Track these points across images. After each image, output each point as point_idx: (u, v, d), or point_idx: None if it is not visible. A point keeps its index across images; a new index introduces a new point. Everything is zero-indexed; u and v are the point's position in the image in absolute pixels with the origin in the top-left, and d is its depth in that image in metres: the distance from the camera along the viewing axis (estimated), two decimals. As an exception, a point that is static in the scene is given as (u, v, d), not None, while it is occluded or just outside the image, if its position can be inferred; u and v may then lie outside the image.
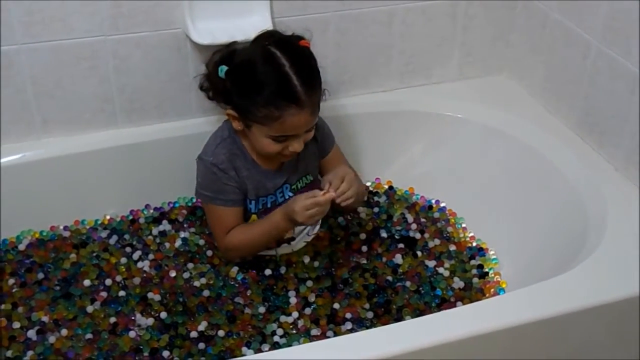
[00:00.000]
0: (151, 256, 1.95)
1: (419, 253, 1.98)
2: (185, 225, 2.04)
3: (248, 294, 1.85)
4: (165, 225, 2.04)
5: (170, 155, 2.02)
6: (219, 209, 1.76)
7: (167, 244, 1.99)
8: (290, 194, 1.85)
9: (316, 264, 1.91)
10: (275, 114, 1.63)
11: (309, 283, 1.88)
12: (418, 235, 2.03)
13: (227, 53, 1.72)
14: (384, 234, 2.03)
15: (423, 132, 2.14)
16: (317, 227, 1.97)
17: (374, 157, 2.18)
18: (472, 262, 1.97)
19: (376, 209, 2.12)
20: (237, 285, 1.88)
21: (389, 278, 1.90)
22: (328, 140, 1.92)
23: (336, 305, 1.83)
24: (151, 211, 2.07)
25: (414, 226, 2.06)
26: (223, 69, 1.68)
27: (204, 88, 1.79)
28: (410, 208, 2.12)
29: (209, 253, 1.96)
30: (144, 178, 2.03)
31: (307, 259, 1.93)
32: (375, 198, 2.15)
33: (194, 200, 2.07)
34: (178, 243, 1.99)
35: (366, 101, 2.13)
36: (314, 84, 1.66)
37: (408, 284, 1.89)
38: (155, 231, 2.02)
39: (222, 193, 1.76)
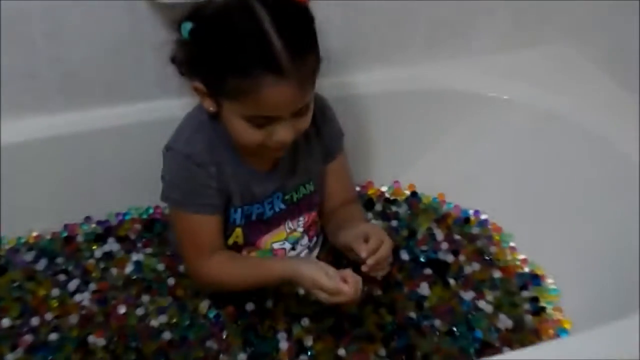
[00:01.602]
0: (93, 286, 1.92)
1: (452, 281, 1.97)
2: (139, 245, 2.02)
3: (224, 337, 1.84)
4: (111, 245, 2.01)
5: (121, 150, 2.01)
6: (192, 217, 1.72)
7: (115, 270, 1.96)
8: (282, 207, 1.82)
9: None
10: (247, 85, 1.57)
11: (305, 322, 1.87)
12: (450, 258, 2.01)
13: (196, 7, 1.67)
14: (405, 256, 2.00)
15: (457, 119, 2.13)
16: (317, 248, 1.94)
17: (392, 152, 2.17)
18: (524, 293, 1.96)
19: (394, 223, 2.09)
20: (208, 324, 1.86)
21: (412, 315, 1.90)
22: (337, 142, 1.88)
23: (341, 352, 1.81)
24: (93, 225, 2.06)
25: (444, 245, 2.04)
26: (187, 27, 1.63)
27: (176, 61, 1.73)
28: (439, 221, 2.10)
29: (171, 282, 1.92)
30: (83, 181, 2.02)
31: (302, 290, 1.88)
32: (394, 208, 2.13)
33: (151, 210, 2.07)
34: (129, 268, 1.96)
35: (382, 78, 2.11)
36: (303, 48, 1.60)
37: (438, 322, 1.89)
38: (98, 253, 1.99)
39: (198, 196, 1.71)
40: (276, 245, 1.86)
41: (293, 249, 1.87)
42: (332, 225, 1.86)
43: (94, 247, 2.02)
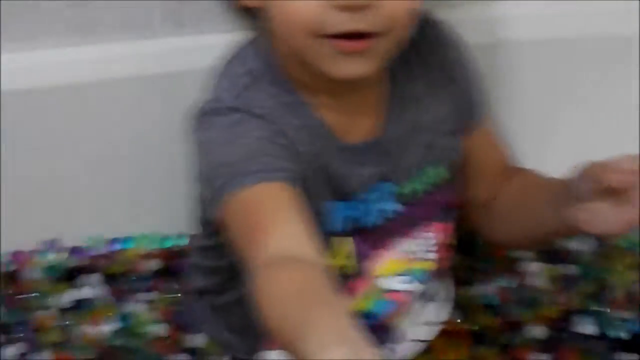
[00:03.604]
0: (46, 357, 1.50)
1: None
2: (138, 286, 1.60)
3: None
4: (93, 287, 1.58)
5: (137, 123, 1.61)
6: (252, 193, 1.30)
7: (85, 330, 1.51)
8: (397, 208, 1.43)
9: None
10: None
11: None
12: None
13: None
14: (587, 328, 1.56)
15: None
16: (447, 307, 1.56)
17: (563, 140, 1.77)
18: None
19: (571, 270, 1.66)
20: None
21: None
22: (480, 97, 1.51)
23: None
24: (61, 254, 1.64)
25: None
26: None
27: None
28: None
29: None
30: (55, 179, 1.60)
31: None
32: (570, 244, 1.70)
33: (184, 241, 1.66)
34: (110, 327, 1.53)
35: (560, 12, 1.69)
36: None
37: None
38: (65, 299, 1.56)
39: (258, 156, 1.32)
40: (394, 284, 1.44)
41: (424, 296, 1.50)
42: (501, 213, 1.51)
43: (61, 290, 1.58)
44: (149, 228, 1.69)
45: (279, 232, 1.21)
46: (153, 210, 1.67)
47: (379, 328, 1.45)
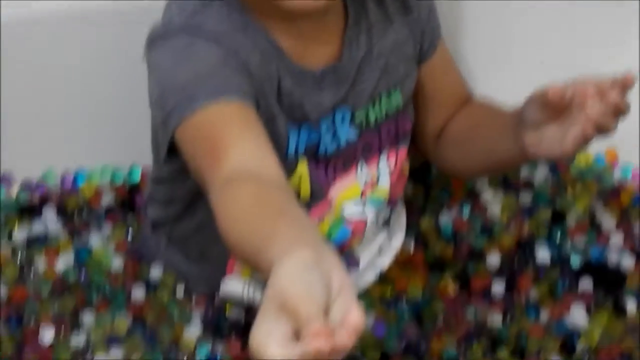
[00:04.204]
0: (2, 292, 1.48)
1: (631, 306, 1.50)
2: (94, 222, 1.56)
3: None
4: (48, 222, 1.56)
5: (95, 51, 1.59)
6: (205, 113, 1.29)
7: (42, 266, 1.50)
8: (352, 135, 1.44)
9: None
10: None
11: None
12: (628, 263, 1.53)
13: None
14: (543, 255, 1.55)
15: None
16: (400, 235, 1.54)
17: (512, 63, 1.71)
18: None
19: (526, 198, 1.65)
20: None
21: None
22: (434, 22, 1.54)
23: None
24: (15, 190, 1.63)
25: (616, 240, 1.56)
26: None
27: None
28: (608, 198, 1.64)
29: (139, 293, 1.46)
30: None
31: (370, 321, 1.49)
32: (524, 172, 1.68)
33: (138, 173, 1.65)
34: (64, 262, 1.50)
35: None
36: None
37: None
38: (20, 235, 1.54)
39: (210, 77, 1.32)
40: (350, 210, 1.44)
41: (378, 222, 1.49)
42: (454, 142, 1.53)
43: (14, 225, 1.56)
44: (103, 161, 1.65)
45: (238, 150, 1.21)
46: (108, 143, 1.64)
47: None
